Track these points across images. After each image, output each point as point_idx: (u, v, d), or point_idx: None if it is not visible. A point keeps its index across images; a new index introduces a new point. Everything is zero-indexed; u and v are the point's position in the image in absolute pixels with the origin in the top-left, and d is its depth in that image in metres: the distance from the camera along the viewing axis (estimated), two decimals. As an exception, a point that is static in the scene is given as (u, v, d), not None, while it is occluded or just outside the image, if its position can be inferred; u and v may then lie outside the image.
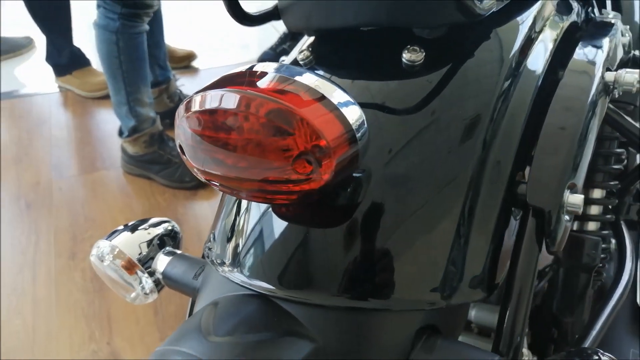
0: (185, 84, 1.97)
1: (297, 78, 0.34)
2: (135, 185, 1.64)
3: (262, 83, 0.34)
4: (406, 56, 0.42)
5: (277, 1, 0.51)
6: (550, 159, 0.42)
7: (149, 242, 0.55)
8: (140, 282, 0.55)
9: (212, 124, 0.35)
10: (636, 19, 0.82)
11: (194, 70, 2.27)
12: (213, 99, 0.34)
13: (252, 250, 0.42)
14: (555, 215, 0.41)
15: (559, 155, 0.42)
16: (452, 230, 0.39)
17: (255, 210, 0.44)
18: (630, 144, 0.62)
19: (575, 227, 0.65)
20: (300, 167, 0.33)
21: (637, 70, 0.50)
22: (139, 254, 0.54)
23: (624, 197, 0.69)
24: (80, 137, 1.88)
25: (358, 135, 0.34)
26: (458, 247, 0.39)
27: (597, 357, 0.36)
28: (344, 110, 0.34)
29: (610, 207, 0.68)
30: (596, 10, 0.74)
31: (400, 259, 0.38)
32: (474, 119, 0.42)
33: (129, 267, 0.53)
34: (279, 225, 0.41)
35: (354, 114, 0.35)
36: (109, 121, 1.94)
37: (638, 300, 0.84)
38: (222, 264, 0.44)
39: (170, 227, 0.57)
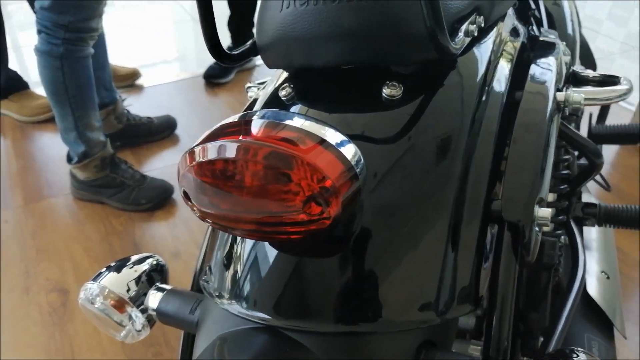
0: (133, 104, 1.93)
1: (296, 124, 0.36)
2: (88, 210, 1.60)
3: (264, 131, 0.36)
4: (386, 91, 0.45)
5: (255, 39, 0.53)
6: (520, 177, 0.47)
7: (137, 280, 0.55)
8: (132, 320, 0.55)
9: (221, 173, 0.36)
10: (569, 31, 0.90)
11: (139, 88, 2.22)
12: (222, 149, 0.36)
13: (249, 283, 0.43)
14: (528, 228, 0.45)
15: (527, 174, 0.47)
16: (439, 252, 0.42)
17: (250, 243, 0.45)
18: (578, 151, 0.69)
19: None
20: (309, 209, 0.35)
21: (583, 89, 0.56)
22: (129, 292, 0.54)
23: (572, 199, 0.75)
24: (23, 164, 1.80)
25: (357, 170, 0.37)
26: (445, 267, 0.43)
27: (576, 355, 0.40)
28: (342, 149, 0.37)
29: (561, 208, 0.74)
30: (535, 28, 0.81)
31: (393, 284, 0.41)
32: (450, 145, 0.46)
33: (120, 305, 0.53)
34: (274, 257, 0.43)
35: (351, 151, 0.37)
36: (51, 146, 1.87)
37: (588, 289, 0.91)
38: (221, 296, 0.45)
39: (155, 262, 0.58)
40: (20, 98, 1.97)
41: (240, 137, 0.35)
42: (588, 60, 1.39)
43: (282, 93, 0.50)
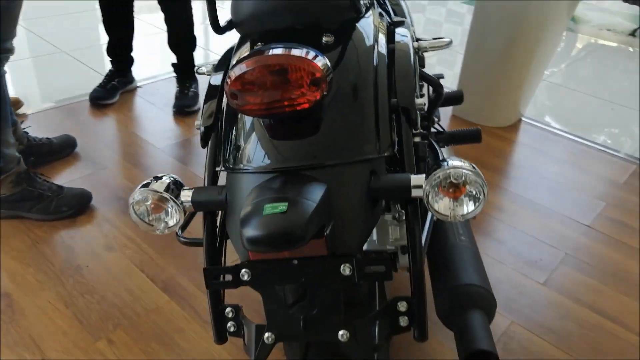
0: (31, 125, 2.00)
1: (301, 47, 0.66)
2: (6, 226, 1.65)
3: (283, 50, 0.65)
4: (324, 39, 0.78)
5: (230, 17, 0.82)
6: (405, 84, 0.82)
7: (167, 187, 0.78)
8: (171, 213, 0.78)
9: (258, 76, 0.65)
10: (408, 20, 1.32)
11: (23, 116, 2.26)
12: (262, 60, 0.64)
13: (265, 147, 0.72)
14: (414, 110, 0.80)
15: (407, 82, 0.82)
16: (372, 122, 0.76)
17: (257, 126, 0.74)
18: (429, 84, 1.08)
19: None
20: (310, 88, 0.65)
21: (427, 40, 0.94)
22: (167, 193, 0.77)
23: (430, 120, 1.15)
24: None
25: (331, 70, 0.68)
26: (377, 131, 0.76)
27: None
28: (325, 60, 0.68)
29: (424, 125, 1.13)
30: (392, 16, 1.21)
31: (352, 136, 0.73)
32: (366, 69, 0.80)
33: (163, 200, 0.77)
34: (281, 129, 0.72)
35: (327, 61, 0.68)
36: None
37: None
38: (248, 163, 0.73)
39: (174, 178, 0.81)
40: None
41: (272, 53, 0.65)
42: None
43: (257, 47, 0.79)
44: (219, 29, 0.80)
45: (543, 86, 2.94)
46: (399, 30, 0.94)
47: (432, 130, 1.25)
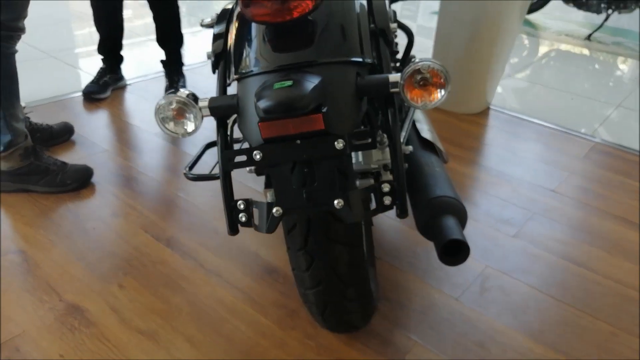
0: (33, 111, 2.10)
1: None
2: (15, 198, 1.75)
3: None
4: None
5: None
6: (381, 13, 0.99)
7: (187, 95, 0.92)
8: (190, 119, 0.91)
9: None
10: None
11: (21, 110, 2.36)
12: None
13: (268, 56, 0.87)
14: (390, 32, 0.97)
15: (383, 12, 0.99)
16: (357, 36, 0.92)
17: (261, 42, 0.89)
18: (402, 30, 1.25)
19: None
20: (308, -2, 0.82)
21: None
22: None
23: (405, 63, 1.32)
24: None
25: None
26: (361, 43, 0.92)
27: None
28: None
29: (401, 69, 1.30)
30: None
31: (341, 44, 0.89)
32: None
33: (186, 105, 0.90)
34: (280, 36, 0.88)
35: None
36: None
37: (424, 136, 1.48)
38: (254, 68, 0.88)
39: (191, 91, 0.94)
40: None
41: None
42: None
43: None
44: None
45: (509, 84, 3.17)
46: None
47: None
